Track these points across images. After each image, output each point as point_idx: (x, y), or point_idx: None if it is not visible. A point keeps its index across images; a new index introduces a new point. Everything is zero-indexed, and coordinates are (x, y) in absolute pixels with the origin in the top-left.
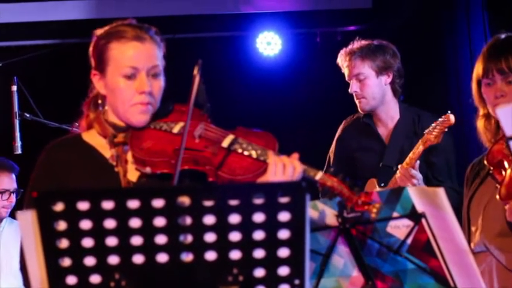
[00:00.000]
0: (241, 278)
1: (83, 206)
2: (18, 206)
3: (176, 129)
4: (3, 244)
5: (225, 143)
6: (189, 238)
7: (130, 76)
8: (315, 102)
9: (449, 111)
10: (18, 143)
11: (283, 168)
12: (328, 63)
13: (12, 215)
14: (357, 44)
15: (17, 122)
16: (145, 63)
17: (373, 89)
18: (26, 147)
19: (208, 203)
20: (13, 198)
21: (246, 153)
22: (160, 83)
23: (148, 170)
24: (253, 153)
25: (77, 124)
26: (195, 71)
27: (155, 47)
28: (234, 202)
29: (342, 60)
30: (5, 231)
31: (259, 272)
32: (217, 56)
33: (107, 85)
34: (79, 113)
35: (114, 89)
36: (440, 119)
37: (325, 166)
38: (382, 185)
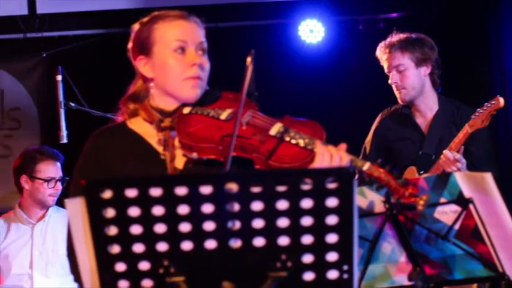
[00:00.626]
0: (289, 264)
1: (131, 193)
2: (64, 194)
3: (224, 115)
4: (50, 232)
5: (273, 131)
6: (237, 224)
7: (180, 50)
8: (357, 90)
9: (498, 95)
10: (64, 132)
11: (330, 158)
12: (371, 50)
13: (58, 203)
14: (395, 37)
15: (62, 112)
16: (193, 38)
17: (413, 79)
18: (72, 136)
19: (256, 189)
20: (59, 186)
21: (293, 141)
22: (207, 61)
23: (195, 155)
24: (301, 142)
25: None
26: (249, 60)
27: (199, 27)
28: (281, 188)
29: (381, 52)
30: (51, 219)
31: (308, 258)
32: (260, 44)
33: (154, 65)
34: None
35: (164, 65)
36: (488, 103)
37: (361, 156)
38: (422, 172)
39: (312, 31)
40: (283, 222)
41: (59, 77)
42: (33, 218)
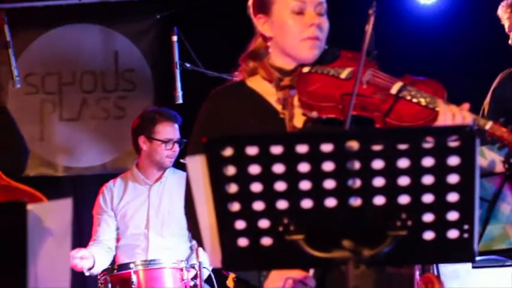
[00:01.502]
0: (409, 223)
1: (252, 151)
2: (180, 156)
3: (344, 74)
4: (166, 193)
5: (394, 90)
6: (358, 183)
7: (298, 11)
8: (475, 51)
9: None
10: (179, 93)
11: (453, 117)
12: (490, 9)
13: (175, 165)
14: None
15: (177, 72)
16: None
17: None
18: (187, 96)
19: (377, 148)
20: (176, 148)
21: (414, 100)
22: (326, 21)
23: (314, 114)
24: (422, 101)
25: (236, 73)
26: (370, 11)
27: None
28: (403, 146)
29: (502, 12)
30: (168, 180)
31: (428, 217)
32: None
33: (273, 24)
34: (238, 63)
35: (282, 25)
36: None
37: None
38: None
39: None
40: (404, 181)
41: (175, 38)
42: (150, 179)
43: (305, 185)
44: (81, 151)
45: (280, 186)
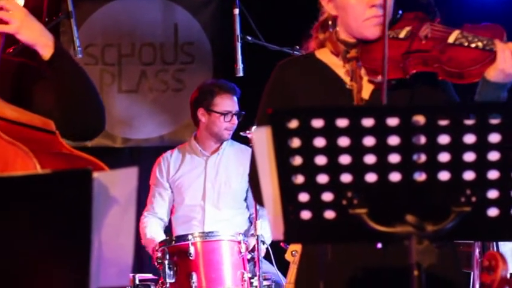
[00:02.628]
0: (474, 199)
1: (317, 123)
2: (238, 128)
3: (402, 34)
4: (223, 165)
5: (451, 39)
6: (423, 157)
7: None
8: None
9: None
10: (240, 66)
11: None
12: None
13: (232, 137)
14: None
15: (238, 45)
16: None
17: None
18: (247, 69)
19: (443, 122)
20: (235, 120)
21: (472, 45)
22: None
23: (379, 78)
24: (480, 44)
25: (297, 47)
26: None
27: None
28: (469, 122)
29: None
30: (225, 152)
31: (493, 194)
32: None
33: (337, 5)
34: (301, 36)
35: (345, 6)
36: None
37: None
38: None
39: None
40: (469, 157)
41: (236, 11)
42: (207, 151)
43: (370, 159)
44: (139, 123)
45: (345, 159)
